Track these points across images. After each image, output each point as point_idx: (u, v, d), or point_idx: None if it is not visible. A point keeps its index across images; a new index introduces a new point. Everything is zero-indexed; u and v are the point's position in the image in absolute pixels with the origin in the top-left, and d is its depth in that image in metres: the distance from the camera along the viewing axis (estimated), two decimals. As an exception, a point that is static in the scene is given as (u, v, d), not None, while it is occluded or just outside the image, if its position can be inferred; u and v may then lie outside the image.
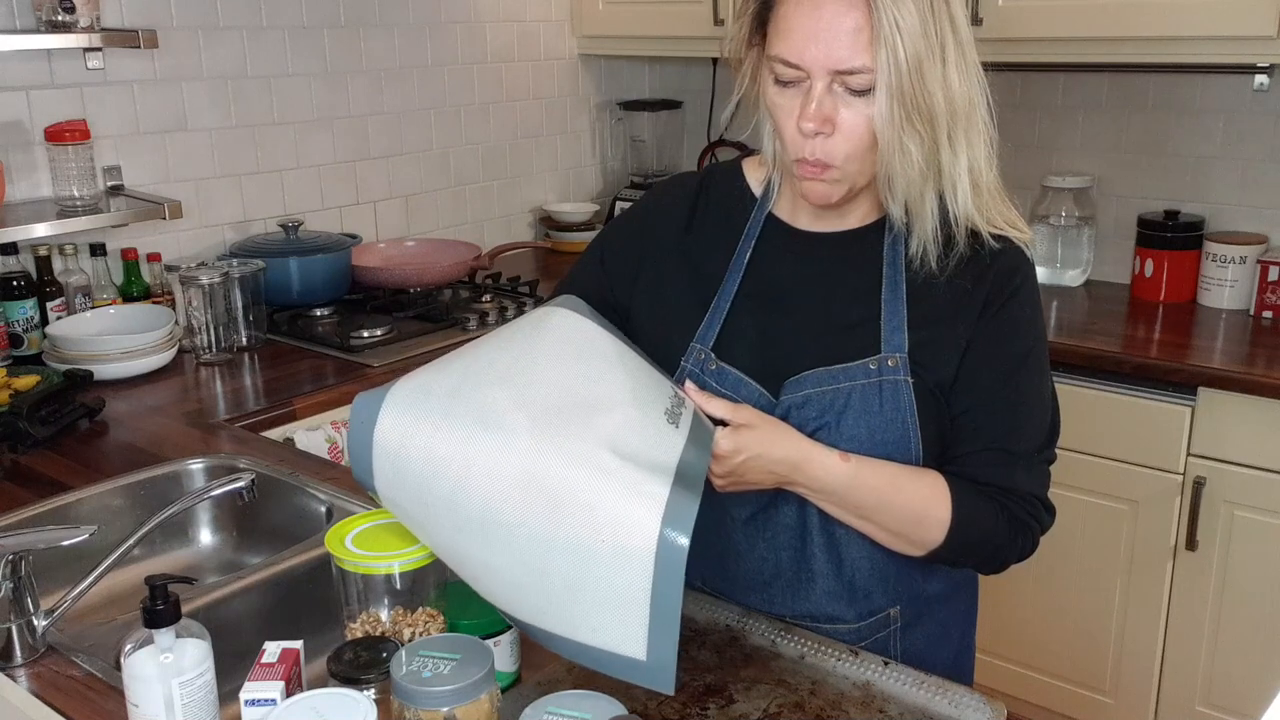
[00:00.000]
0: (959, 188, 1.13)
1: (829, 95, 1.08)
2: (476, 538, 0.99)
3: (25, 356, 2.15)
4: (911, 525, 1.16)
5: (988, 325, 1.17)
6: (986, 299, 1.16)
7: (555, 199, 3.31)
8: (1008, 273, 1.17)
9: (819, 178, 1.12)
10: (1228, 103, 2.61)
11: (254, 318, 2.32)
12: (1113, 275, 2.82)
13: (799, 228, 1.23)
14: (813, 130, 1.08)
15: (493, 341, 1.13)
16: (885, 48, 1.04)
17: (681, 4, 2.93)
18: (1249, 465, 2.19)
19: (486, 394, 1.03)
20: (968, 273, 1.16)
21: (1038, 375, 1.20)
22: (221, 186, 2.52)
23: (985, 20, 2.48)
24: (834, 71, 1.06)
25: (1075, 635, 2.48)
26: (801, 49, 1.07)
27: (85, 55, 2.23)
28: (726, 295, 1.22)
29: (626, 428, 1.01)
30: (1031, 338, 1.19)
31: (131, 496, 1.64)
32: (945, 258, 1.16)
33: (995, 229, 1.17)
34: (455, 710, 0.88)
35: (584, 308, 1.21)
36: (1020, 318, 1.18)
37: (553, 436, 0.99)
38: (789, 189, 1.23)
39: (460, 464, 0.99)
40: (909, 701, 1.07)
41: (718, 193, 1.29)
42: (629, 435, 1.01)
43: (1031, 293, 1.19)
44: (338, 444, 2.04)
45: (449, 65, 2.93)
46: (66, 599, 1.20)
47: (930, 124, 1.08)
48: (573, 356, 1.10)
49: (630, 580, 0.94)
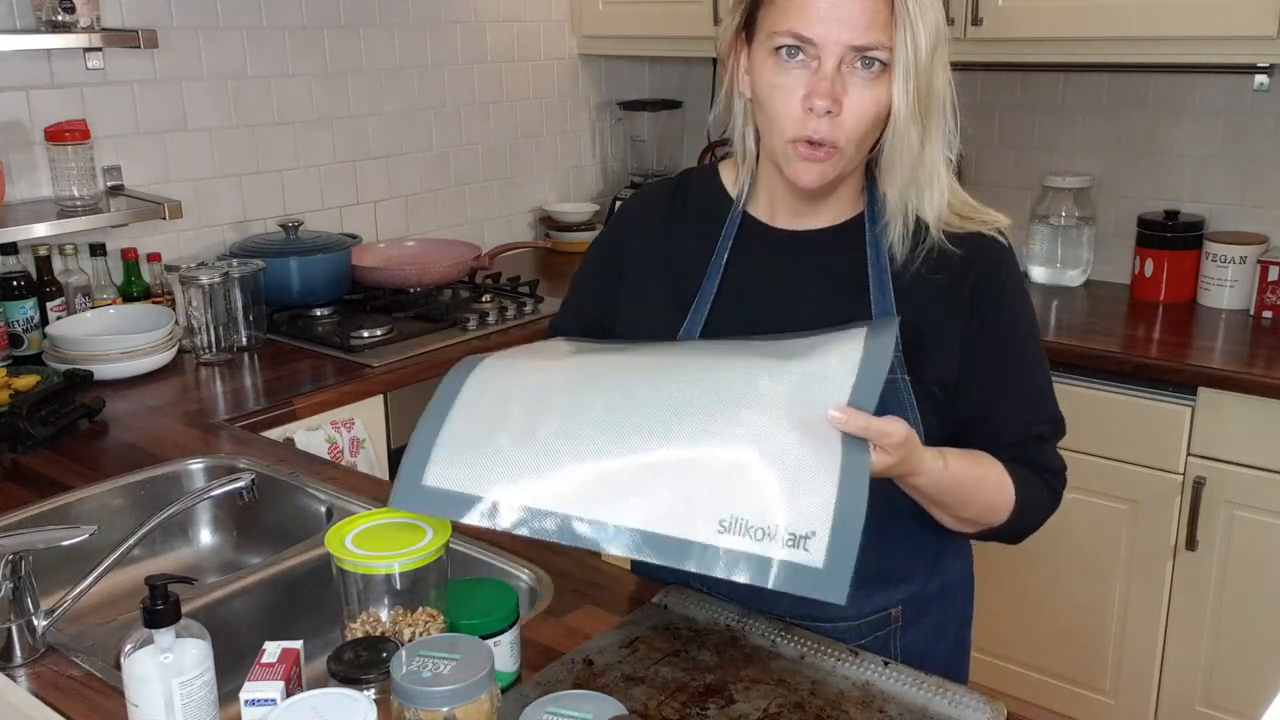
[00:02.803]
0: (937, 180, 1.14)
1: (839, 74, 1.07)
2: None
3: (25, 356, 2.15)
4: (986, 512, 1.17)
5: (987, 323, 1.17)
6: (975, 294, 1.17)
7: (555, 199, 3.31)
8: (992, 266, 1.18)
9: (820, 159, 1.10)
10: (1228, 103, 2.61)
11: (254, 318, 2.32)
12: (1113, 275, 2.82)
13: (777, 226, 1.23)
14: (824, 108, 1.07)
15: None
16: (907, 29, 1.04)
17: (681, 4, 2.93)
18: (1249, 465, 2.19)
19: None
20: (952, 269, 1.17)
21: (1039, 355, 1.23)
22: (221, 186, 2.52)
23: (985, 20, 2.48)
24: (850, 47, 1.05)
25: (1075, 635, 2.48)
26: (817, 22, 1.05)
27: (85, 55, 2.23)
28: (706, 297, 1.22)
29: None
30: (1028, 323, 1.22)
31: (131, 496, 1.64)
32: (929, 251, 1.16)
33: (969, 219, 1.18)
34: (455, 710, 0.88)
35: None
36: (1016, 308, 1.20)
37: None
38: (765, 187, 1.22)
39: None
40: (909, 701, 1.07)
41: (694, 196, 1.28)
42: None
43: (1018, 281, 1.21)
44: (338, 444, 2.04)
45: (449, 65, 2.93)
46: (66, 599, 1.20)
47: (928, 113, 1.09)
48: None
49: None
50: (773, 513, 0.92)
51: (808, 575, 0.90)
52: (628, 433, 0.97)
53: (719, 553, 0.92)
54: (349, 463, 2.04)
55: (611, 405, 0.99)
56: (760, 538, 0.91)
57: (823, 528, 0.91)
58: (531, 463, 0.98)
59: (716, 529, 0.92)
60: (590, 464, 0.97)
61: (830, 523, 0.91)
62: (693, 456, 0.95)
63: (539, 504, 0.96)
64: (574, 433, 0.99)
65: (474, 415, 1.04)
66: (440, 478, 1.00)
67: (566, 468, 0.97)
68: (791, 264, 1.21)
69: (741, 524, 0.92)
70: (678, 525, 0.93)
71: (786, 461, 0.93)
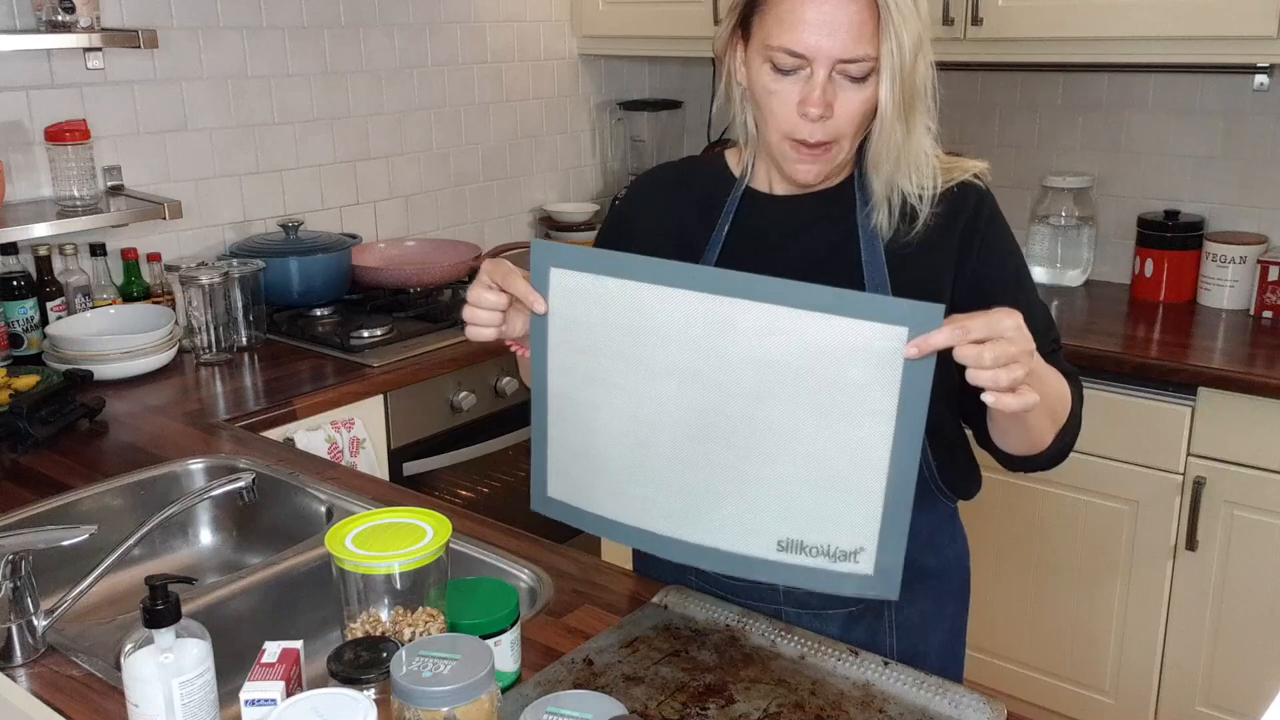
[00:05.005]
0: (925, 162, 1.20)
1: (830, 83, 1.14)
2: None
3: (25, 356, 2.15)
4: (1061, 405, 1.19)
5: (984, 256, 1.23)
6: (963, 241, 1.22)
7: (555, 199, 3.31)
8: (974, 210, 1.23)
9: (816, 157, 1.18)
10: (1228, 103, 2.61)
11: (254, 318, 2.32)
12: (1113, 275, 2.82)
13: (775, 193, 1.29)
14: (817, 114, 1.14)
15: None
16: (892, 38, 1.11)
17: (681, 4, 2.93)
18: (1249, 465, 2.19)
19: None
20: (936, 226, 1.21)
21: (1032, 277, 1.31)
22: (221, 186, 2.52)
23: (985, 20, 2.48)
24: (838, 60, 1.12)
25: (1075, 635, 2.48)
26: (806, 39, 1.12)
27: (85, 55, 2.23)
28: (709, 261, 1.28)
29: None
30: (1018, 250, 1.28)
31: (131, 496, 1.64)
32: (911, 224, 1.21)
33: (950, 171, 1.23)
34: (455, 710, 0.88)
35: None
36: (1004, 237, 1.26)
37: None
38: (764, 163, 1.28)
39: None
40: (909, 701, 1.07)
41: (699, 175, 1.35)
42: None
43: (1000, 215, 1.26)
44: (337, 444, 2.04)
45: (449, 65, 2.93)
46: (66, 599, 1.20)
47: (912, 108, 1.16)
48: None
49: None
50: (823, 533, 1.05)
51: (860, 582, 1.05)
52: (695, 462, 1.09)
53: (780, 567, 1.08)
54: (349, 463, 2.04)
55: (678, 432, 1.10)
56: (814, 554, 1.06)
57: (870, 543, 1.04)
58: (621, 486, 1.13)
59: (775, 548, 1.08)
60: (668, 487, 1.11)
61: (876, 537, 1.04)
62: (751, 481, 1.07)
63: (635, 523, 1.13)
64: (648, 457, 1.12)
65: (569, 422, 1.16)
66: (559, 490, 1.18)
67: (650, 490, 1.12)
68: (786, 224, 1.27)
69: (796, 545, 1.07)
70: (743, 544, 1.09)
71: (835, 484, 1.04)
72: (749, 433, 1.06)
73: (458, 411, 2.31)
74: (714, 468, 1.08)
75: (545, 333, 1.13)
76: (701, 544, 1.10)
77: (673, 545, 1.12)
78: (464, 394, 2.31)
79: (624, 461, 1.12)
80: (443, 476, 2.31)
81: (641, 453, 1.11)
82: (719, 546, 1.10)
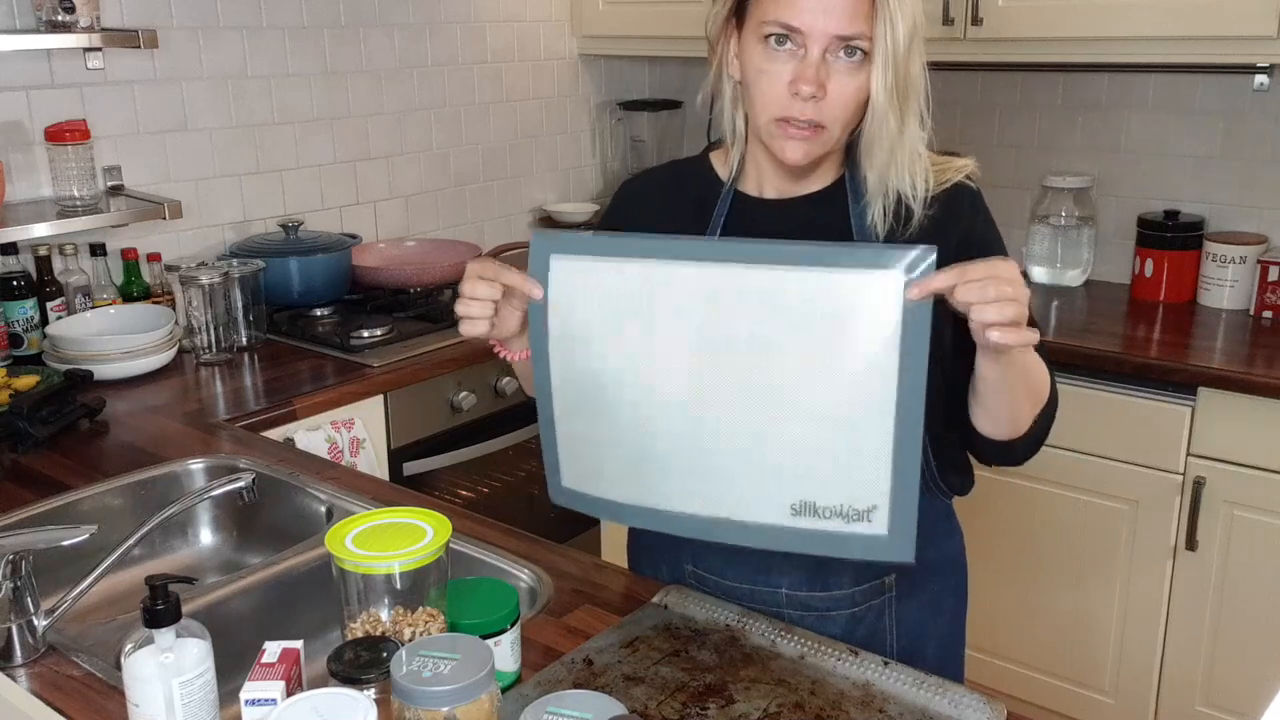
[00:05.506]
0: (919, 161, 1.20)
1: (824, 62, 1.13)
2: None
3: (25, 356, 2.15)
4: (1042, 386, 1.20)
5: (976, 254, 1.21)
6: (961, 243, 1.20)
7: (555, 199, 3.31)
8: (970, 214, 1.23)
9: (806, 136, 1.16)
10: (1228, 103, 2.61)
11: (254, 318, 2.32)
12: (1113, 275, 2.82)
13: (766, 197, 1.28)
14: (809, 93, 1.14)
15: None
16: (887, 21, 1.11)
17: (681, 4, 2.93)
18: (1249, 465, 2.19)
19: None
20: (930, 229, 1.20)
21: None
22: (221, 186, 2.52)
23: (985, 20, 2.48)
24: (835, 36, 1.12)
25: (1075, 635, 2.48)
26: (805, 12, 1.12)
27: (85, 55, 2.23)
28: None
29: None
30: (1001, 247, 1.26)
31: (131, 496, 1.64)
32: (908, 222, 1.21)
33: (941, 171, 1.23)
34: (455, 710, 0.88)
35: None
36: (996, 239, 1.26)
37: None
38: (754, 165, 1.28)
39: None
40: (909, 701, 1.07)
41: (687, 179, 1.35)
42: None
43: (990, 215, 1.26)
44: (337, 444, 2.04)
45: (449, 65, 2.93)
46: (66, 599, 1.20)
47: (905, 99, 1.16)
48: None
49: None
50: (836, 493, 1.06)
51: (874, 543, 1.06)
52: (704, 435, 1.10)
53: (794, 534, 1.08)
54: (349, 463, 2.04)
55: (686, 406, 1.10)
56: (829, 516, 1.07)
57: (882, 500, 1.04)
58: (632, 469, 1.14)
59: (789, 513, 1.08)
60: (678, 463, 1.12)
61: (889, 495, 1.04)
62: (761, 447, 1.07)
63: (647, 504, 1.14)
64: (656, 435, 1.12)
65: (576, 410, 1.16)
66: (572, 479, 1.19)
67: (660, 468, 1.12)
68: (779, 227, 1.26)
69: (810, 507, 1.07)
70: (757, 512, 1.09)
71: (845, 441, 1.04)
72: (756, 398, 1.06)
73: (458, 411, 2.31)
74: (722, 437, 1.08)
75: (545, 325, 1.14)
76: (715, 516, 1.11)
77: (686, 522, 1.13)
78: (464, 394, 2.31)
79: (633, 442, 1.13)
80: (443, 476, 2.31)
81: (649, 430, 1.11)
82: (732, 517, 1.10)
